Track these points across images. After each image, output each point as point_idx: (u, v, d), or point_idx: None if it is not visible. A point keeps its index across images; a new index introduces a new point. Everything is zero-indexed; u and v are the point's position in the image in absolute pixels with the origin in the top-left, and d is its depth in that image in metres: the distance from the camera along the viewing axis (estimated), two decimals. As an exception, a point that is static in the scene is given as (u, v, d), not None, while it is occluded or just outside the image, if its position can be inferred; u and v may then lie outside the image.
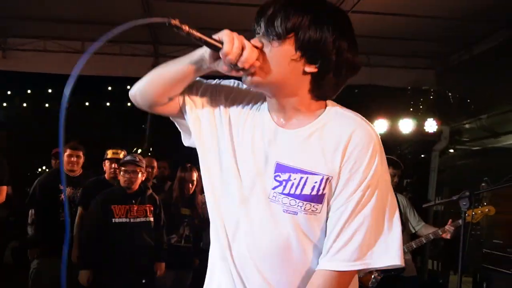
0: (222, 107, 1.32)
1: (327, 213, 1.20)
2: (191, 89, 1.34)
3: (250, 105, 1.32)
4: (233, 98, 1.33)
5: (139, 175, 3.77)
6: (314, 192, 1.18)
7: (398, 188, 4.22)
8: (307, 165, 1.19)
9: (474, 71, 5.76)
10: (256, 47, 1.15)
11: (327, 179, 1.18)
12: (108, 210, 3.66)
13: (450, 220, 3.69)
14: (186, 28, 1.10)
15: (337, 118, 1.23)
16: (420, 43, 5.89)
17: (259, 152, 1.25)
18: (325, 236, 1.21)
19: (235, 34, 1.13)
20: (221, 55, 1.13)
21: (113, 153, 4.30)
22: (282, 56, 1.15)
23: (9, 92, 12.76)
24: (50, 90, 12.96)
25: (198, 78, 1.35)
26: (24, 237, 4.48)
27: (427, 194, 6.87)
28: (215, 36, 1.13)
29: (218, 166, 1.30)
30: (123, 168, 3.78)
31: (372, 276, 3.79)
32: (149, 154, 9.89)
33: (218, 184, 1.30)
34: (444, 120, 6.42)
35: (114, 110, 12.28)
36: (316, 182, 1.18)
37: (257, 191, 1.24)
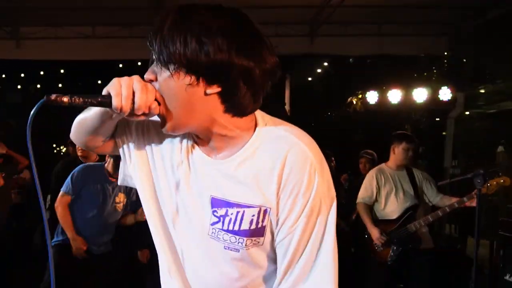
0: (153, 144, 1.22)
1: (273, 241, 1.12)
2: (124, 128, 1.24)
3: (180, 137, 1.18)
4: (161, 132, 1.17)
5: None
6: (253, 226, 1.09)
7: (413, 158, 4.16)
8: (242, 198, 1.09)
9: (486, 36, 5.65)
10: (151, 80, 1.05)
11: (265, 210, 1.08)
12: None
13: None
14: (65, 100, 1.00)
15: (268, 139, 1.10)
16: (430, 10, 5.77)
17: (194, 187, 1.15)
18: (275, 263, 1.14)
19: (123, 81, 1.01)
20: (114, 112, 1.04)
21: None
22: (177, 86, 1.01)
23: (22, 75, 12.89)
24: (62, 71, 13.05)
25: None
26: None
27: (443, 161, 6.89)
28: (104, 91, 1.03)
29: (155, 205, 1.22)
30: None
31: (391, 251, 3.89)
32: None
33: (159, 222, 1.22)
34: (458, 87, 6.36)
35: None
36: (253, 215, 1.08)
37: (196, 228, 1.15)
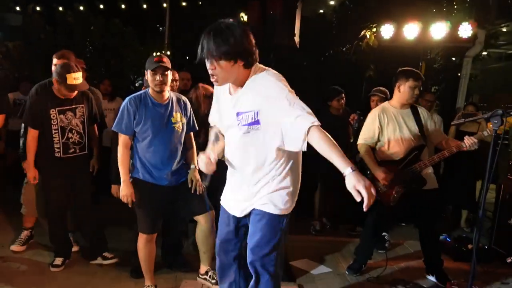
0: None
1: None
2: None
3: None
4: None
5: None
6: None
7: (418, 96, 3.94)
8: None
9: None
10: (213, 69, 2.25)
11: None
12: None
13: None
14: None
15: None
16: None
17: None
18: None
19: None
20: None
21: None
22: (223, 66, 2.21)
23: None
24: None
25: None
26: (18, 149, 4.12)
27: (456, 102, 6.60)
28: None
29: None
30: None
31: (393, 192, 3.76)
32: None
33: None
34: (480, 23, 5.92)
35: (130, 12, 11.75)
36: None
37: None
